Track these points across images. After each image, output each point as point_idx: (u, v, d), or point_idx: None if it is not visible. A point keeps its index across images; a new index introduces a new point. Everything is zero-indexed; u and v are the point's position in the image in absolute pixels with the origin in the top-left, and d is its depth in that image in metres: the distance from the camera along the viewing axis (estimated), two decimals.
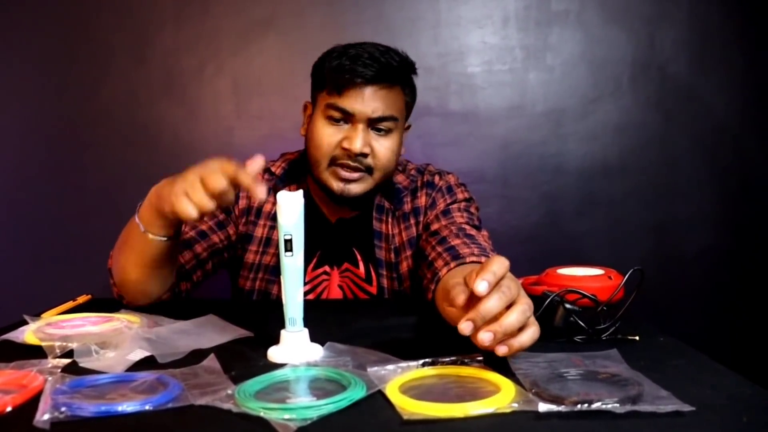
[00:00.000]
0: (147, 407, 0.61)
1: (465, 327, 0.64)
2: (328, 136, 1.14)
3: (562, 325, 0.85)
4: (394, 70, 1.14)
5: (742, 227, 1.88)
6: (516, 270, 1.20)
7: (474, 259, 0.99)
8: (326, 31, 1.83)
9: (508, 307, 0.67)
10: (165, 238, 0.97)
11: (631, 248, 1.86)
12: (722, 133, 1.86)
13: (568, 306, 0.85)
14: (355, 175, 1.15)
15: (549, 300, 0.86)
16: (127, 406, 0.60)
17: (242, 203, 1.23)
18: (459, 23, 1.85)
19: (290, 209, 0.77)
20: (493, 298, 0.65)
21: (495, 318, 0.65)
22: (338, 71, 1.13)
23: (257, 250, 1.23)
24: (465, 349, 0.73)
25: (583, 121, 1.85)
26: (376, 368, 0.70)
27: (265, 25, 1.85)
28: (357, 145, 1.12)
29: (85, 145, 1.89)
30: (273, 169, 1.28)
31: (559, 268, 1.10)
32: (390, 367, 0.70)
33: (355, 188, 1.16)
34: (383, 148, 1.15)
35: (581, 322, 0.84)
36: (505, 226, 1.85)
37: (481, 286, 0.64)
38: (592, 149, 1.86)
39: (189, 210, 0.84)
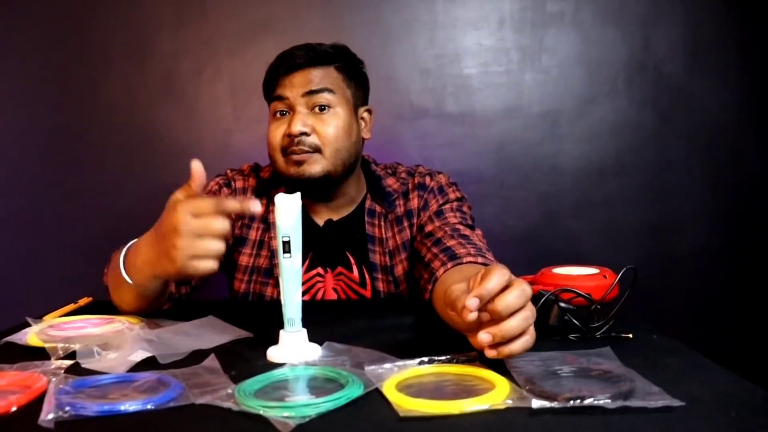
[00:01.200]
0: (149, 406, 0.62)
1: (485, 338, 0.66)
2: (274, 129, 1.20)
3: (557, 323, 0.86)
4: (321, 54, 1.20)
5: (737, 227, 1.89)
6: (513, 270, 1.21)
7: (471, 259, 1.00)
8: (323, 34, 1.83)
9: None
10: (159, 285, 0.94)
11: (627, 248, 1.88)
12: (717, 133, 1.88)
13: (562, 305, 0.86)
14: (305, 156, 1.17)
15: (544, 299, 0.87)
16: (129, 406, 0.62)
17: None
18: (455, 25, 1.86)
19: (288, 211, 0.78)
20: (517, 317, 0.66)
21: (499, 319, 0.66)
22: (270, 71, 1.22)
23: (251, 253, 1.24)
24: (461, 348, 0.74)
25: (579, 122, 1.87)
26: (373, 367, 0.71)
27: (263, 28, 1.86)
28: (296, 127, 1.15)
29: (84, 148, 1.90)
30: (262, 174, 1.30)
31: (554, 268, 1.12)
32: (387, 365, 0.71)
33: (309, 168, 1.17)
34: (326, 124, 1.18)
35: (576, 321, 0.85)
36: (502, 227, 1.87)
37: (472, 303, 0.65)
38: (588, 150, 1.88)
39: (209, 266, 0.80)
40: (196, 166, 0.85)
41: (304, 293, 1.22)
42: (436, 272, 1.02)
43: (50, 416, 0.59)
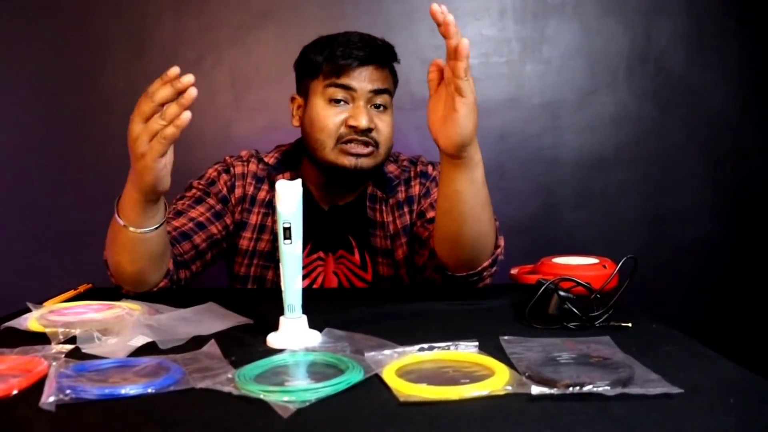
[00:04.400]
0: (149, 390, 0.62)
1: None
2: (333, 116, 1.19)
3: (557, 312, 0.86)
4: (383, 51, 1.22)
5: (737, 219, 1.89)
6: (513, 261, 1.22)
7: None
8: (324, 23, 1.83)
9: None
10: (150, 229, 0.97)
11: (627, 239, 1.88)
12: (718, 126, 1.87)
13: (562, 294, 0.87)
14: (366, 149, 1.18)
15: (543, 288, 0.88)
16: (130, 389, 0.62)
17: (238, 192, 1.26)
18: (456, 15, 1.80)
19: (289, 198, 0.78)
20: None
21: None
22: (334, 57, 1.19)
23: (251, 237, 1.26)
24: (461, 336, 0.75)
25: (580, 114, 1.87)
26: (373, 353, 0.71)
27: (263, 17, 1.85)
28: (363, 121, 1.17)
29: (84, 137, 1.90)
30: (266, 159, 1.31)
31: (554, 257, 1.12)
32: (387, 352, 0.71)
33: (367, 162, 1.20)
34: (384, 123, 1.21)
35: (575, 310, 0.85)
36: (502, 218, 1.83)
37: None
38: (588, 141, 1.87)
39: (161, 144, 0.89)
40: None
41: (304, 277, 1.23)
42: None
43: (51, 399, 0.59)
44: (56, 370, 0.66)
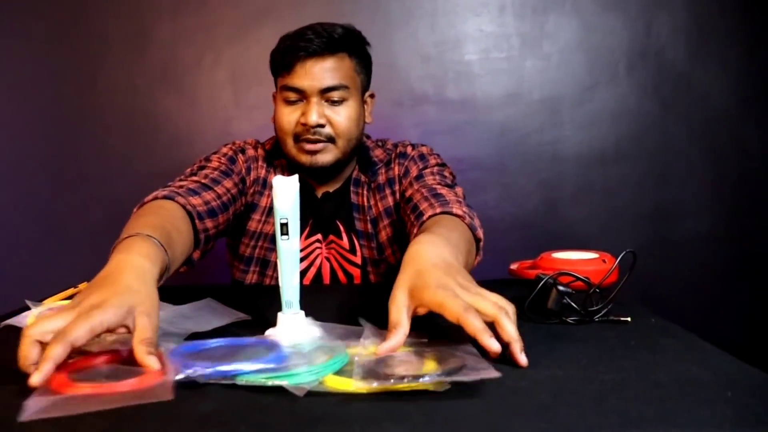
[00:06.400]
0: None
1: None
2: (287, 115, 1.21)
3: (555, 307, 0.86)
4: (336, 40, 1.20)
5: (738, 214, 1.89)
6: (513, 256, 1.22)
7: (430, 212, 1.03)
8: (322, 21, 1.83)
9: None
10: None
11: (628, 234, 1.88)
12: (719, 120, 1.87)
13: (561, 288, 0.87)
14: (319, 146, 1.20)
15: (542, 282, 0.88)
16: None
17: (253, 174, 1.28)
18: (456, 11, 1.85)
19: (286, 194, 0.78)
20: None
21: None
22: (284, 52, 1.20)
23: (260, 219, 1.28)
24: (456, 330, 0.74)
25: (580, 109, 1.86)
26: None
27: (263, 15, 1.85)
28: (312, 118, 1.18)
29: (84, 136, 1.90)
30: (266, 146, 1.34)
31: (554, 252, 1.12)
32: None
33: (322, 158, 1.21)
34: (339, 116, 1.21)
35: (574, 304, 0.85)
36: (503, 213, 1.87)
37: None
38: (588, 136, 1.87)
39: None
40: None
41: (303, 259, 1.26)
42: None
43: (180, 376, 0.61)
44: (166, 350, 0.68)
